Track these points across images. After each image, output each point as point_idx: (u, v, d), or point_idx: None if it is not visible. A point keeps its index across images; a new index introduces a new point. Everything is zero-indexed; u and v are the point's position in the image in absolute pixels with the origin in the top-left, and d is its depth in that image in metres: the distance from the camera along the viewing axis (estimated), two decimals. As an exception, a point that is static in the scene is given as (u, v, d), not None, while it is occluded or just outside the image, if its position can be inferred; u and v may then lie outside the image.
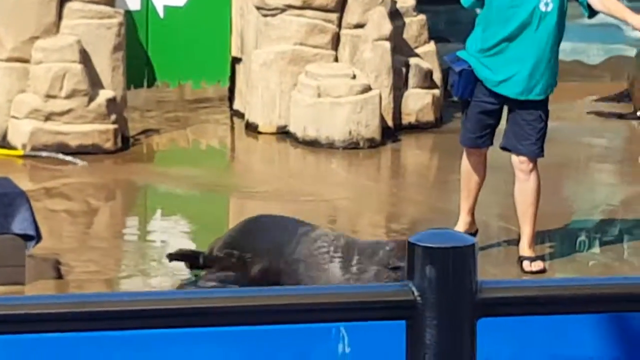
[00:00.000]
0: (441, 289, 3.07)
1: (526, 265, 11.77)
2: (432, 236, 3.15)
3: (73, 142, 14.27)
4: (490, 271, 11.99)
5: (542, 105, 11.57)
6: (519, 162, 11.57)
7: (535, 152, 11.45)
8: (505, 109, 11.71)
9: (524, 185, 11.65)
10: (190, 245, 13.19)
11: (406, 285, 3.08)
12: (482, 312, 3.16)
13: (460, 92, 11.73)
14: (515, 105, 11.49)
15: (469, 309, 3.14)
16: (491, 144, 11.81)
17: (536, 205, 11.70)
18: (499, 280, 3.23)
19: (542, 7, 11.50)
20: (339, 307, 3.42)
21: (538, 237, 12.33)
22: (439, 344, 3.13)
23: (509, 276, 12.50)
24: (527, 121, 11.53)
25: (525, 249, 11.80)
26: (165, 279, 12.29)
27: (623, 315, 10.72)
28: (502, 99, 11.45)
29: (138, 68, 16.04)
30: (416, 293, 3.04)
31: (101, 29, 14.98)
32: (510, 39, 11.57)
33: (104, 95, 14.59)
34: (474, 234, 11.82)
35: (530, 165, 11.55)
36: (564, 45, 13.44)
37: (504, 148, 11.70)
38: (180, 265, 12.46)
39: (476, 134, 11.73)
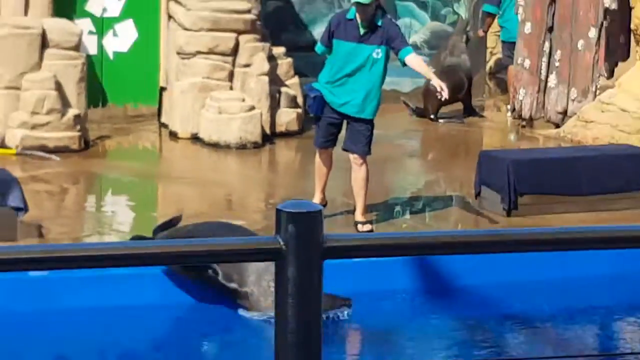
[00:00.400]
0: (299, 240, 3.33)
1: (359, 227, 12.46)
2: (293, 205, 3.45)
3: (51, 144, 14.66)
4: (336, 231, 12.54)
5: (370, 121, 12.32)
6: (354, 159, 12.30)
7: (365, 151, 12.30)
8: (345, 123, 12.46)
9: (357, 174, 12.44)
10: (131, 214, 13.96)
11: (275, 238, 3.34)
12: (326, 255, 3.41)
13: (314, 110, 12.51)
14: (352, 120, 12.25)
15: (318, 254, 3.38)
16: (334, 145, 12.54)
17: (366, 187, 12.42)
18: (339, 234, 3.49)
19: (374, 55, 12.18)
20: (225, 252, 3.75)
21: (368, 209, 13.10)
22: (297, 278, 3.39)
23: (348, 235, 13.41)
24: (359, 131, 12.28)
25: (358, 216, 12.55)
26: (115, 237, 12.60)
27: (425, 258, 11.46)
28: (343, 116, 12.24)
29: (95, 93, 16.27)
30: (282, 243, 3.31)
31: (69, 67, 15.22)
32: (350, 75, 12.26)
33: (72, 112, 14.97)
34: (324, 206, 11.90)
35: (361, 160, 12.28)
36: (386, 79, 13.74)
37: (344, 149, 12.44)
38: (126, 228, 13.28)
39: (325, 138, 12.43)
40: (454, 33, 18.75)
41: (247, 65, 15.97)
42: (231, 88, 15.88)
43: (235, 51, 15.89)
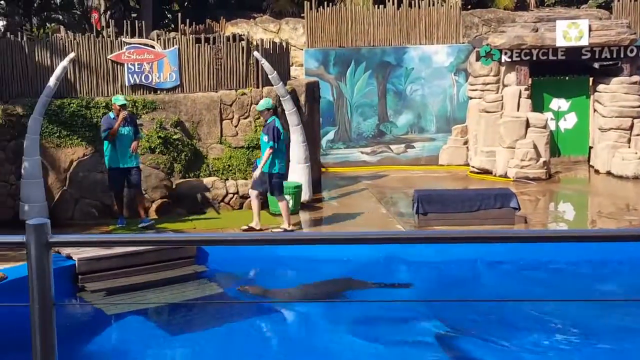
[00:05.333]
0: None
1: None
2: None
3: (530, 176, 15.31)
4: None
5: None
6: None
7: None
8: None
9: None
10: (572, 212, 13.42)
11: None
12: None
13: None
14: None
15: None
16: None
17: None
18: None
19: (265, 139, 11.47)
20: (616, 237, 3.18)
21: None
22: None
23: None
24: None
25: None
26: (566, 225, 12.46)
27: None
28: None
29: (554, 150, 16.42)
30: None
31: (540, 137, 15.45)
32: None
33: (542, 159, 15.34)
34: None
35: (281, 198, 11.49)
36: None
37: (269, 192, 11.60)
38: (569, 218, 12.87)
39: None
40: None
41: (638, 135, 15.87)
42: (629, 147, 15.90)
43: (631, 127, 15.90)
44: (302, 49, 17.68)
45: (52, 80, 12.30)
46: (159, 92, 13.28)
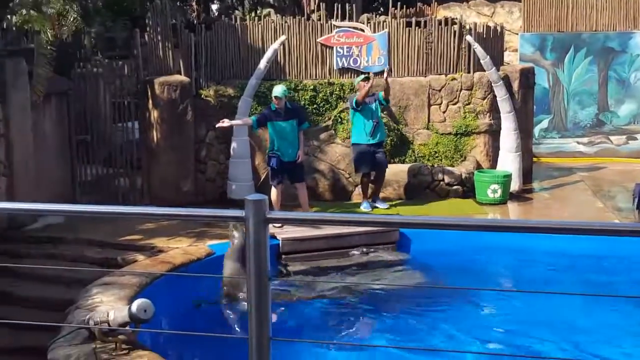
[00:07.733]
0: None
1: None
2: None
3: None
4: None
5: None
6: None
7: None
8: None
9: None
10: None
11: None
12: None
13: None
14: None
15: None
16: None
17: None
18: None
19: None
20: None
21: None
22: None
23: None
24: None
25: None
26: None
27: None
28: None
29: None
30: None
31: None
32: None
33: None
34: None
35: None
36: None
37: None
38: None
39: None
40: None
41: None
42: None
43: None
44: (516, 34, 17.20)
45: (262, 63, 12.72)
46: (367, 75, 13.35)
